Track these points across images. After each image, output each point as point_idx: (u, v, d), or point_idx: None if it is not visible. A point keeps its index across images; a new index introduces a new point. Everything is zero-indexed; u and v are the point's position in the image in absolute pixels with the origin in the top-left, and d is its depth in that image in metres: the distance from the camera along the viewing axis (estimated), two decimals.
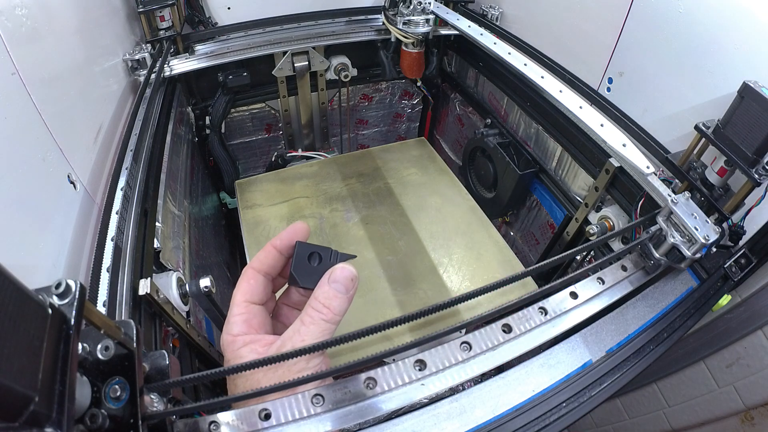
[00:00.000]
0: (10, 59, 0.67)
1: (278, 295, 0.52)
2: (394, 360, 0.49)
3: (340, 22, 1.53)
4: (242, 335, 0.42)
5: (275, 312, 0.49)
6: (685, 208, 0.73)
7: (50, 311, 0.24)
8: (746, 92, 0.73)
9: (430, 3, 1.37)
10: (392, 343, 0.56)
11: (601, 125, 0.88)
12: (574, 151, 1.23)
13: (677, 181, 0.90)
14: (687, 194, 0.76)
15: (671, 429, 1.21)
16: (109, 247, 0.71)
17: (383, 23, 1.46)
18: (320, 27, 1.52)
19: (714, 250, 0.82)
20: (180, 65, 1.31)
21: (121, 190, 0.82)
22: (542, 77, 1.00)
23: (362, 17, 1.55)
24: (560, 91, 0.97)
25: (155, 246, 0.84)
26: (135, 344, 0.34)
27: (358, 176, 1.49)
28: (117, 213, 0.77)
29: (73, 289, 0.27)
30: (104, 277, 0.66)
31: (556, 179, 1.35)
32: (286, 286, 0.49)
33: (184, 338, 0.81)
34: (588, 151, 1.17)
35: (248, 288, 0.44)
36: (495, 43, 1.15)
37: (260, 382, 0.40)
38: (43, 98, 0.74)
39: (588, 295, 0.64)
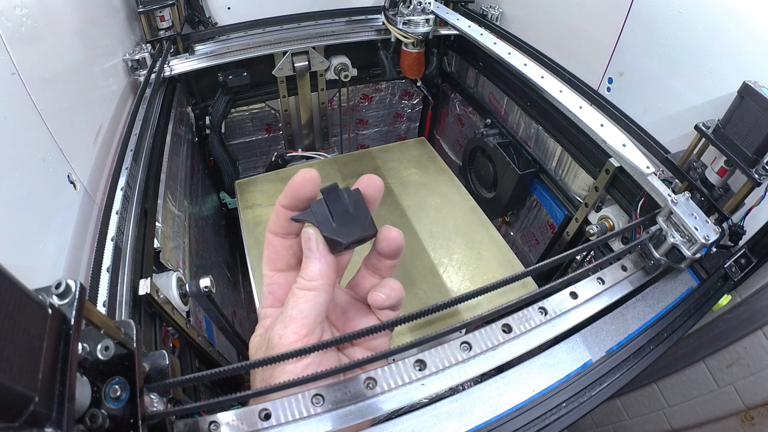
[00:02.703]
0: (10, 59, 0.67)
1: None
2: (394, 360, 0.49)
3: (340, 22, 1.53)
4: (265, 308, 0.39)
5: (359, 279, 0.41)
6: (685, 208, 0.73)
7: (50, 311, 0.24)
8: (746, 92, 0.73)
9: (430, 3, 1.37)
10: (392, 343, 0.56)
11: (601, 125, 0.88)
12: (574, 151, 1.23)
13: (677, 181, 0.90)
14: (687, 194, 0.76)
15: (671, 429, 1.21)
16: (109, 247, 0.71)
17: (383, 23, 1.46)
18: (320, 27, 1.52)
19: (714, 250, 0.82)
20: (180, 65, 1.31)
21: (121, 190, 0.82)
22: (542, 77, 1.00)
23: (362, 17, 1.55)
24: (560, 91, 0.97)
25: (155, 246, 0.84)
26: (135, 344, 0.34)
27: (358, 176, 1.47)
28: (117, 213, 0.77)
29: (73, 289, 0.26)
30: (104, 277, 0.66)
31: (556, 179, 1.35)
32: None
33: (184, 338, 0.81)
34: (588, 151, 1.17)
35: (267, 254, 0.38)
36: (495, 43, 1.15)
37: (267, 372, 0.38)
38: (43, 98, 0.74)
39: (588, 295, 0.64)
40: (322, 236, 0.35)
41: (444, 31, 1.46)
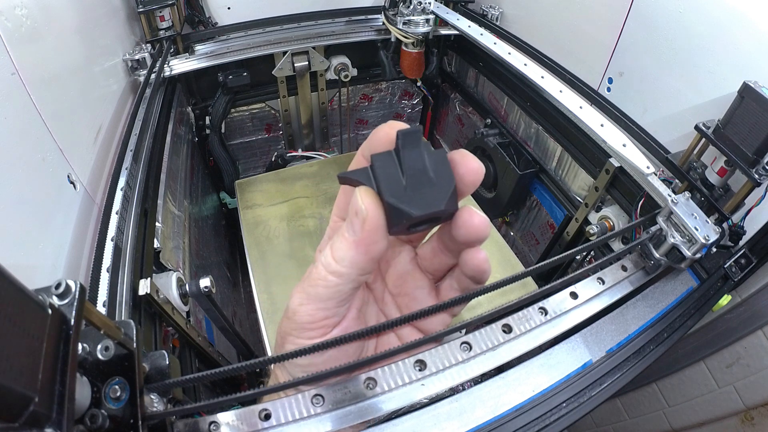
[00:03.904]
0: (10, 59, 0.67)
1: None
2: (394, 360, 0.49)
3: (340, 22, 1.53)
4: (320, 253, 0.33)
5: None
6: (685, 208, 0.73)
7: (50, 311, 0.24)
8: (746, 92, 0.73)
9: (430, 3, 1.37)
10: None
11: (601, 125, 0.88)
12: (574, 151, 1.23)
13: (677, 181, 0.90)
14: (687, 194, 0.76)
15: (671, 429, 1.21)
16: (109, 247, 0.71)
17: (383, 23, 1.46)
18: (320, 27, 1.52)
19: (714, 250, 0.82)
20: (180, 65, 1.31)
21: (121, 190, 0.82)
22: (542, 77, 1.00)
23: (362, 17, 1.55)
24: (560, 91, 0.97)
25: (155, 246, 0.84)
26: (135, 344, 0.34)
27: None
28: (117, 213, 0.77)
29: (73, 289, 0.26)
30: (104, 277, 0.66)
31: (556, 179, 1.35)
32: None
33: (184, 338, 0.82)
34: (588, 151, 1.17)
35: (338, 200, 0.33)
36: (495, 43, 1.15)
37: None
38: (43, 98, 0.74)
39: (588, 295, 0.64)
40: (379, 210, 0.25)
41: (444, 31, 1.46)
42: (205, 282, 0.82)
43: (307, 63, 1.55)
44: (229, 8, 1.49)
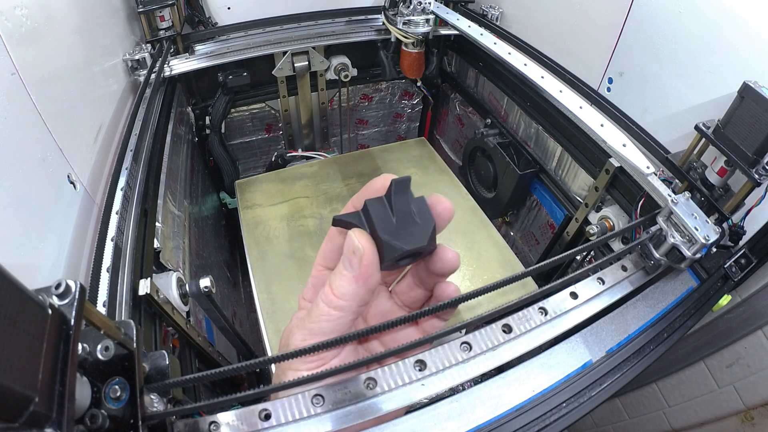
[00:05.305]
0: (10, 59, 0.67)
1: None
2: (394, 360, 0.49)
3: (340, 22, 1.54)
4: (306, 300, 0.37)
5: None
6: (685, 208, 0.73)
7: (50, 312, 0.24)
8: (746, 92, 0.73)
9: (430, 3, 1.37)
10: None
11: (601, 125, 0.88)
12: (574, 151, 1.23)
13: (677, 181, 0.90)
14: (687, 194, 0.76)
15: (671, 429, 1.21)
16: (109, 247, 0.71)
17: (383, 23, 1.46)
18: (320, 27, 1.52)
19: (714, 250, 0.82)
20: (180, 65, 1.31)
21: (121, 190, 0.82)
22: (542, 77, 1.00)
23: (362, 17, 1.55)
24: (560, 91, 0.97)
25: (155, 246, 0.84)
26: (135, 344, 0.34)
27: (358, 176, 1.49)
28: (117, 213, 0.77)
29: (73, 289, 0.26)
30: (104, 277, 0.66)
31: (556, 179, 1.35)
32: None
33: (184, 338, 0.82)
34: (588, 151, 1.17)
35: (324, 249, 0.36)
36: (495, 43, 1.14)
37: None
38: (43, 98, 0.74)
39: (588, 295, 0.64)
40: (373, 247, 0.29)
41: (444, 31, 1.46)
42: (205, 282, 0.83)
43: (307, 63, 1.55)
44: (229, 8, 1.49)
